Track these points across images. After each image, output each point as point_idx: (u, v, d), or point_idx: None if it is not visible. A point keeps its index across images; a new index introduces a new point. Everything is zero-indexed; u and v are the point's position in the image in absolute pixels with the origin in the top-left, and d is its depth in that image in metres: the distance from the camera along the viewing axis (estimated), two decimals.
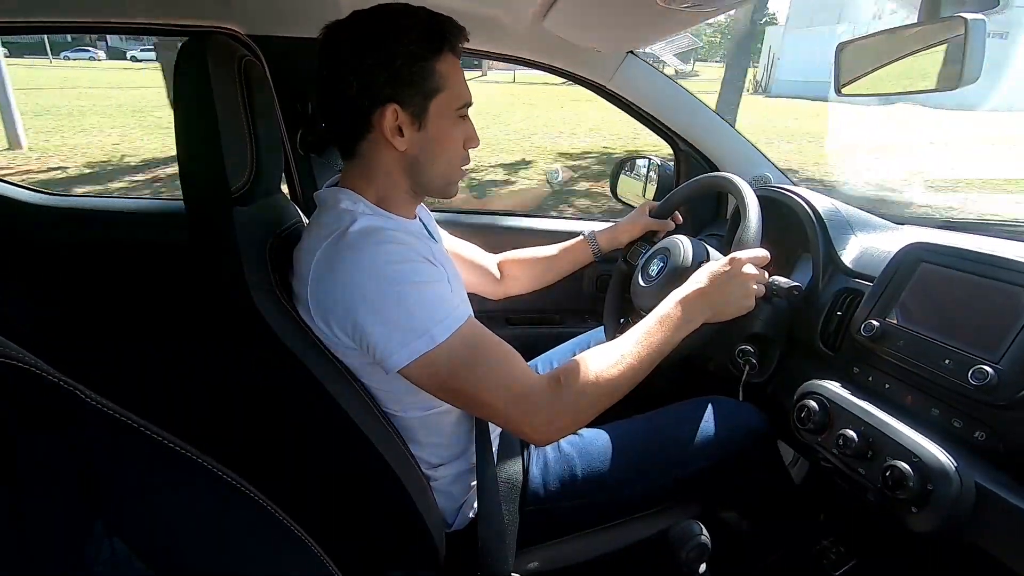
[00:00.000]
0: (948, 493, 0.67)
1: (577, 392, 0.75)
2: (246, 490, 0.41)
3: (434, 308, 0.71)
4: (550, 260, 1.22)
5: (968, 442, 0.71)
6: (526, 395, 0.74)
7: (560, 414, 0.75)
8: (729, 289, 0.85)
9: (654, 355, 0.80)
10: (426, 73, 0.76)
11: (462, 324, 0.73)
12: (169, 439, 0.37)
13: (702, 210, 1.48)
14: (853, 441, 0.77)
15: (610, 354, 0.79)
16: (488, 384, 0.73)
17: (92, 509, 0.32)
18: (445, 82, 0.78)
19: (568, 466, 0.94)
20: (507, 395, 0.73)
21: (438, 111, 0.78)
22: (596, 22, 1.15)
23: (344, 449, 0.78)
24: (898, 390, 0.81)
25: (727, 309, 0.86)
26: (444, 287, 0.76)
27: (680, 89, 1.41)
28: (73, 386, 0.33)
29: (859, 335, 0.84)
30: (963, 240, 0.84)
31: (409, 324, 0.70)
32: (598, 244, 1.20)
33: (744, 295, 0.86)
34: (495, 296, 1.23)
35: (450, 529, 0.91)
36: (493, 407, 0.74)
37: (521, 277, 1.23)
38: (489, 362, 0.74)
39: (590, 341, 1.28)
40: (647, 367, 0.80)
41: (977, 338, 0.72)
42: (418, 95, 0.76)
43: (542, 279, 1.23)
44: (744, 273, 0.85)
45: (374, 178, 0.81)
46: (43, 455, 0.31)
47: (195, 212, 0.78)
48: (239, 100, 0.75)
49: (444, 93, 0.78)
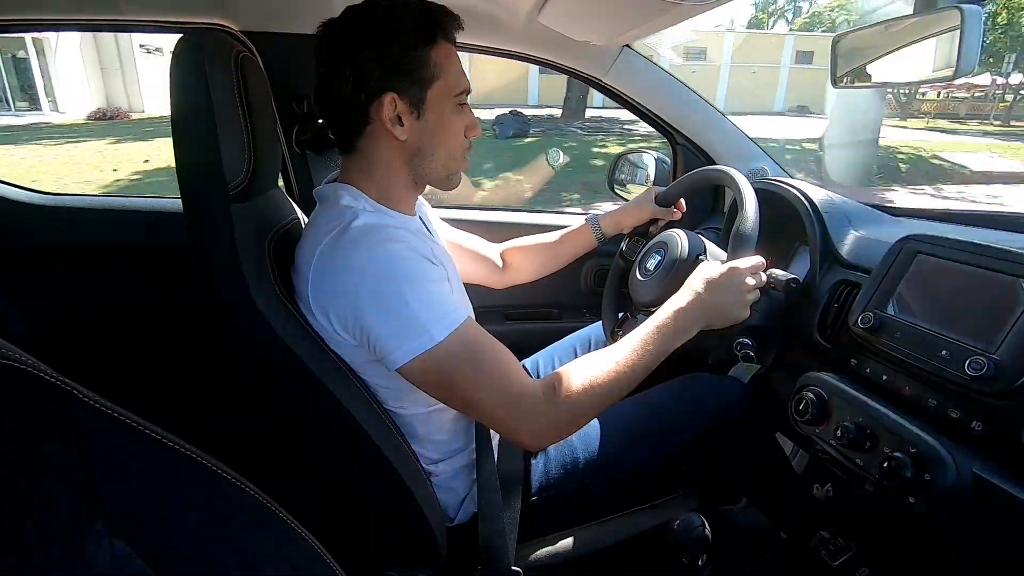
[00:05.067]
0: (945, 483, 0.68)
1: (571, 400, 0.75)
2: (246, 488, 0.41)
3: (434, 307, 0.72)
4: (553, 246, 1.21)
5: (965, 432, 0.72)
6: (521, 400, 0.74)
7: (553, 421, 0.75)
8: (726, 298, 0.84)
9: (649, 364, 0.80)
10: (421, 62, 0.76)
11: (461, 324, 0.73)
12: (168, 438, 0.37)
13: (699, 203, 1.48)
14: (851, 432, 0.78)
15: (605, 362, 0.78)
16: (484, 386, 0.73)
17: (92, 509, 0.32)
18: (441, 70, 0.78)
19: (570, 450, 0.95)
20: (502, 399, 0.73)
21: (436, 99, 0.79)
22: (591, 16, 1.15)
23: (344, 445, 0.78)
24: (895, 381, 0.81)
25: (721, 319, 0.85)
26: (444, 286, 0.76)
27: (676, 82, 1.41)
28: (71, 386, 0.33)
29: (856, 327, 0.84)
30: (959, 231, 0.84)
31: (409, 323, 0.70)
32: (601, 229, 1.18)
33: (740, 305, 0.85)
34: (499, 286, 1.23)
35: (451, 524, 0.91)
36: (487, 410, 0.74)
37: (524, 265, 1.22)
38: (486, 364, 0.74)
39: (589, 336, 1.28)
40: (641, 375, 0.80)
41: (974, 329, 0.72)
42: (415, 84, 0.77)
43: (546, 266, 1.23)
44: (743, 283, 0.85)
45: (374, 172, 0.81)
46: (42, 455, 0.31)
47: (192, 209, 0.78)
48: (235, 97, 0.75)
49: (441, 81, 0.78)
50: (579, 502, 0.95)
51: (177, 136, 0.74)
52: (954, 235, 0.82)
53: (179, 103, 0.73)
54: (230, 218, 0.74)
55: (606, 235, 1.19)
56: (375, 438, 0.77)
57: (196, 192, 0.77)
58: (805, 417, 0.85)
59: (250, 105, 0.77)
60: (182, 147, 0.75)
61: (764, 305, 1.00)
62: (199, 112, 0.71)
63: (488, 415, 0.75)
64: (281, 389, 0.79)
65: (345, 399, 0.75)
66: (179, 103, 0.73)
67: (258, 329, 0.73)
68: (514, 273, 1.23)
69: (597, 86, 1.42)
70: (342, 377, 0.77)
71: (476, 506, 0.88)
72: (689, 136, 1.44)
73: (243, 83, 0.76)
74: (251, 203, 0.80)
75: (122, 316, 1.39)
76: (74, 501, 0.32)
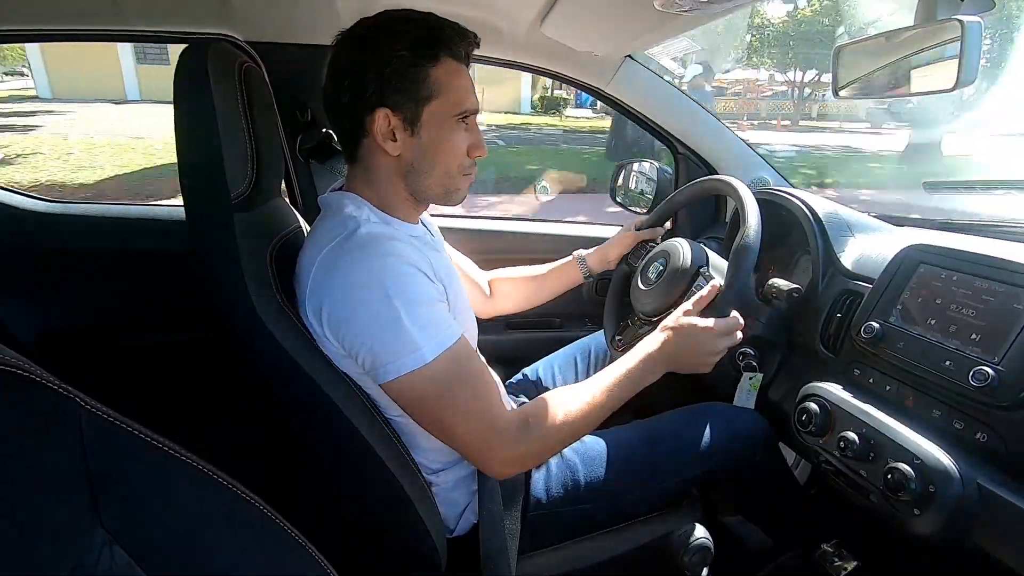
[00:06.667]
0: (950, 494, 0.67)
1: (542, 435, 0.77)
2: (247, 496, 0.41)
3: (428, 326, 0.72)
4: (539, 280, 1.22)
5: (970, 443, 0.71)
6: (495, 429, 0.75)
7: (521, 453, 0.77)
8: (695, 355, 0.87)
9: (615, 405, 0.83)
10: (419, 79, 0.75)
11: (452, 345, 0.73)
12: (170, 446, 0.37)
13: (701, 213, 1.48)
14: (854, 443, 0.77)
15: (576, 401, 0.81)
16: (463, 411, 0.74)
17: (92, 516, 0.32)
18: (441, 88, 0.77)
19: (571, 472, 0.93)
20: (478, 426, 0.75)
21: (433, 117, 0.78)
22: (594, 27, 1.16)
23: (345, 454, 0.78)
24: (899, 392, 0.81)
25: (685, 370, 0.88)
26: (440, 307, 0.76)
27: (678, 93, 1.42)
28: (74, 394, 0.33)
29: (859, 337, 0.84)
30: (962, 241, 0.84)
31: (402, 340, 0.70)
32: (588, 265, 1.20)
33: (705, 364, 0.87)
34: (484, 314, 1.23)
35: (451, 535, 0.90)
36: (461, 434, 0.75)
37: (512, 295, 1.23)
38: (469, 390, 0.75)
39: (589, 345, 1.28)
40: (605, 415, 0.83)
41: (977, 339, 0.72)
42: (410, 101, 0.76)
43: (532, 299, 1.24)
44: (714, 346, 0.86)
45: (375, 183, 0.82)
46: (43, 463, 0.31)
47: (195, 218, 0.78)
48: (239, 106, 0.76)
49: (439, 99, 0.77)
50: (579, 523, 0.94)
51: (180, 145, 0.75)
52: (957, 245, 0.82)
53: (183, 112, 0.73)
54: (232, 227, 0.74)
55: (592, 271, 1.21)
56: (375, 447, 0.77)
57: (199, 200, 0.77)
58: (808, 428, 0.85)
59: (253, 115, 0.77)
60: (185, 156, 0.75)
61: (767, 315, 0.99)
62: (202, 121, 0.71)
63: (458, 438, 0.76)
64: (282, 397, 0.79)
65: (346, 408, 0.75)
66: (183, 112, 0.73)
67: (259, 337, 0.73)
68: (500, 302, 1.23)
69: (599, 96, 1.43)
70: (342, 385, 0.77)
71: (476, 517, 0.87)
72: (691, 146, 1.44)
73: (247, 93, 0.77)
74: (254, 212, 0.80)
75: (126, 323, 1.39)
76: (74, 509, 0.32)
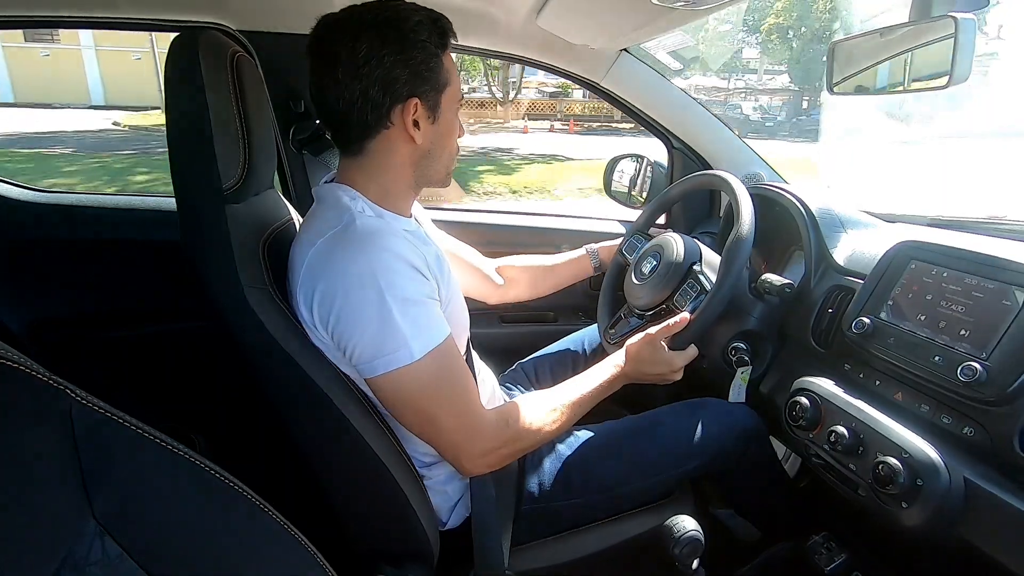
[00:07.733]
0: (937, 488, 0.68)
1: (516, 436, 0.81)
2: (239, 488, 0.41)
3: (417, 323, 0.72)
4: (552, 269, 1.25)
5: (957, 438, 0.72)
6: (474, 426, 0.78)
7: (495, 452, 0.80)
8: (655, 372, 0.94)
9: (580, 415, 0.90)
10: (438, 68, 0.78)
11: (439, 345, 0.74)
12: (160, 437, 0.37)
13: (695, 208, 1.49)
14: (844, 437, 0.78)
15: (549, 407, 0.86)
16: (445, 408, 0.76)
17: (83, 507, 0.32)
18: (450, 76, 0.80)
19: (563, 466, 0.94)
20: (457, 423, 0.77)
21: (447, 104, 0.81)
22: (589, 20, 1.15)
23: (337, 446, 0.78)
24: (888, 387, 0.81)
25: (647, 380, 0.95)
26: (432, 305, 0.76)
27: (674, 87, 1.41)
28: (63, 385, 0.33)
29: (850, 332, 0.85)
30: (953, 238, 0.85)
31: (390, 335, 0.71)
32: (599, 258, 1.24)
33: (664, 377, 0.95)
34: (493, 301, 1.24)
35: (444, 527, 0.91)
36: (440, 431, 0.77)
37: (522, 281, 1.24)
38: (452, 388, 0.77)
39: (583, 339, 1.28)
40: (571, 424, 0.89)
41: (966, 335, 0.73)
42: (433, 90, 0.78)
43: (542, 286, 1.25)
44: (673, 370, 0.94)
45: (380, 173, 0.81)
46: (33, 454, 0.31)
47: (187, 209, 0.77)
48: (231, 96, 0.75)
49: (451, 87, 0.80)
50: (572, 516, 0.96)
51: (171, 135, 0.74)
52: (947, 242, 0.82)
53: (173, 102, 0.72)
54: (224, 218, 0.74)
55: (604, 264, 1.25)
56: (368, 439, 0.77)
57: (190, 192, 0.76)
58: (799, 422, 0.85)
59: (246, 105, 0.76)
60: (176, 146, 0.74)
61: (759, 310, 1.00)
62: (194, 111, 0.71)
63: (438, 435, 0.78)
64: (273, 388, 0.79)
65: (338, 399, 0.75)
66: (173, 102, 0.72)
67: (251, 328, 0.73)
68: (510, 289, 1.24)
69: (594, 90, 1.42)
70: (335, 377, 0.77)
71: (469, 510, 0.87)
72: (686, 140, 1.44)
73: (239, 82, 0.76)
74: (246, 203, 0.79)
75: (116, 313, 1.38)
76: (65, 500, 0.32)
